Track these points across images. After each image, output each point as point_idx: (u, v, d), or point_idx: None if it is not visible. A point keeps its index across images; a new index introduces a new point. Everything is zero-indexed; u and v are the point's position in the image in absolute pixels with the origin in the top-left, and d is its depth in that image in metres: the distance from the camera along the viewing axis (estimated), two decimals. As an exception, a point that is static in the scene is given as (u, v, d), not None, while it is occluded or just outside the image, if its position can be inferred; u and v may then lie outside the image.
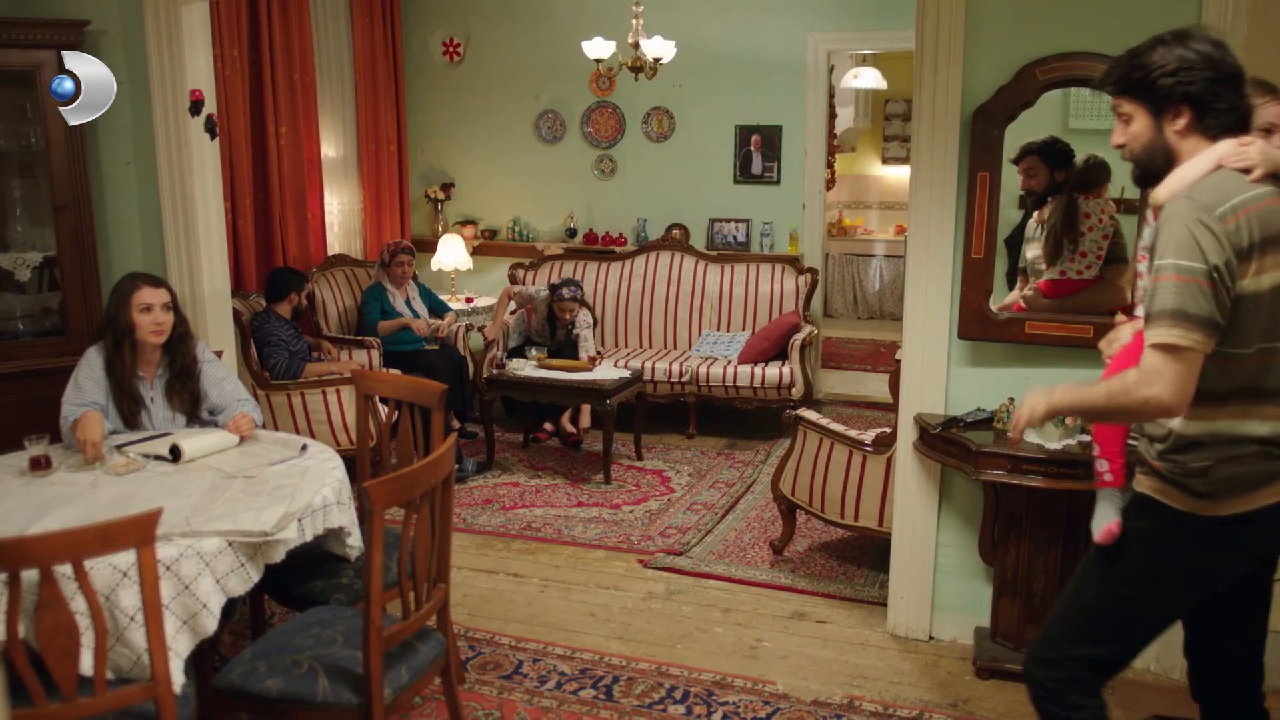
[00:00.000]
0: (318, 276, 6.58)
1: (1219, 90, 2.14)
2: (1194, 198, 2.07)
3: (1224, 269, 2.02)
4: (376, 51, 7.48)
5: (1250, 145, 2.13)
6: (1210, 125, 2.16)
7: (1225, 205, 2.05)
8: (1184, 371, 2.02)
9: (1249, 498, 2.14)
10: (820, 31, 7.01)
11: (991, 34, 3.47)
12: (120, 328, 3.41)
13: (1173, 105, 2.16)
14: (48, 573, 2.18)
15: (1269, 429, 2.13)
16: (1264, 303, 2.08)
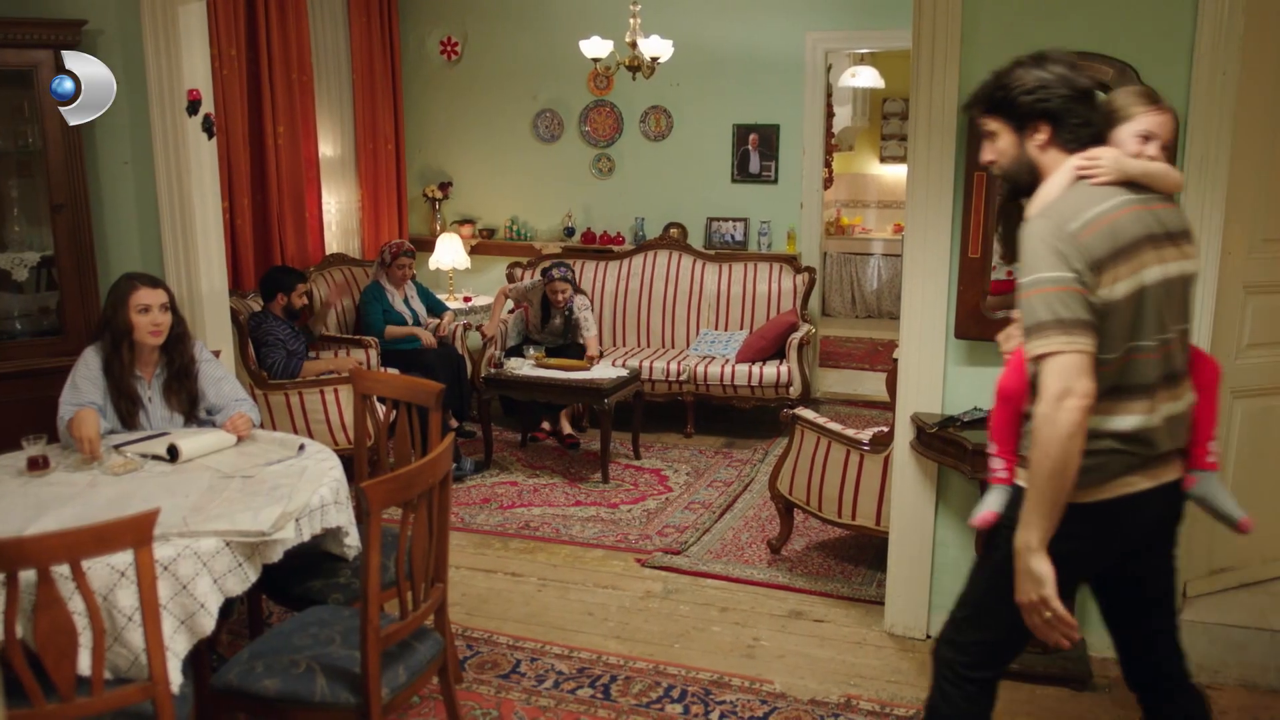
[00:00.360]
0: (315, 276, 6.58)
1: (1073, 107, 2.27)
2: (1049, 215, 2.19)
3: (1085, 277, 2.13)
4: (374, 51, 7.48)
5: (1103, 154, 2.24)
6: (1067, 139, 2.28)
7: (1078, 221, 2.15)
8: (1082, 367, 2.11)
9: (1106, 487, 2.23)
10: (818, 30, 7.02)
11: (989, 34, 3.47)
12: (118, 328, 3.41)
13: (1032, 121, 2.29)
14: (45, 573, 2.18)
15: (1128, 424, 2.22)
16: (1122, 309, 2.18)
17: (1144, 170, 2.26)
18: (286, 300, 5.62)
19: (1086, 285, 2.13)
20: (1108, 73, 3.33)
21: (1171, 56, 3.32)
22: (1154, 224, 2.23)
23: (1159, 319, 2.23)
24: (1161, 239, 2.23)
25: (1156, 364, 2.25)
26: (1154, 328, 2.23)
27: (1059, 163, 2.29)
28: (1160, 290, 2.22)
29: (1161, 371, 2.26)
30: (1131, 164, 2.26)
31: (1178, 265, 2.26)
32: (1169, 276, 2.24)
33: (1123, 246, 2.17)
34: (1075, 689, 3.51)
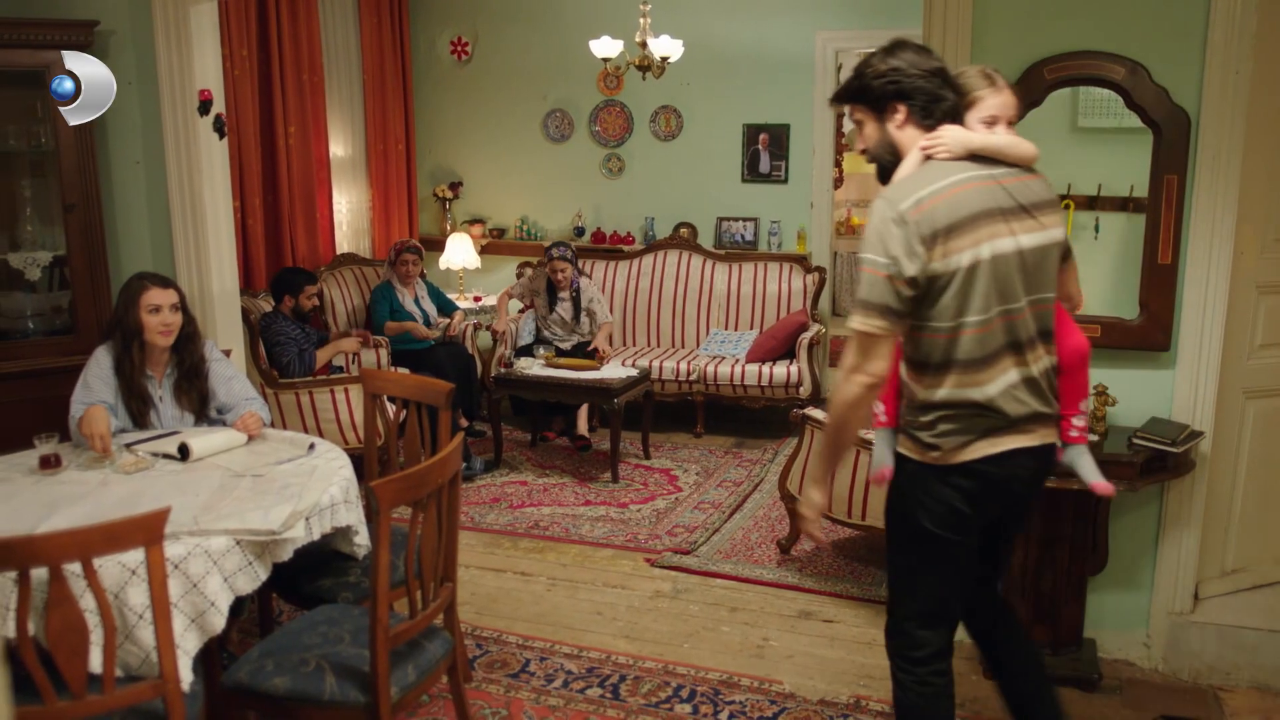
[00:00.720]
0: (326, 276, 6.60)
1: (923, 85, 2.38)
2: (886, 195, 2.33)
3: (904, 261, 2.27)
4: (385, 51, 7.50)
5: (945, 131, 2.36)
6: (922, 116, 2.39)
7: (911, 199, 2.28)
8: (875, 349, 2.32)
9: (971, 448, 2.37)
10: (828, 30, 7.00)
11: (998, 33, 3.46)
12: (129, 328, 3.42)
13: (888, 103, 2.41)
14: (57, 571, 2.19)
15: (973, 395, 2.35)
16: (957, 281, 2.29)
17: (985, 144, 2.36)
18: (294, 302, 5.63)
19: (902, 270, 2.27)
20: (1119, 71, 3.33)
21: (1183, 55, 3.30)
22: (1002, 197, 2.33)
23: (1005, 290, 2.33)
24: (1012, 211, 2.33)
25: (998, 334, 2.35)
26: (996, 299, 2.32)
27: (916, 140, 2.40)
28: (1012, 261, 2.33)
29: (1004, 340, 2.36)
30: (974, 138, 2.37)
31: (1033, 236, 2.36)
32: (1023, 247, 2.34)
33: (956, 222, 2.28)
34: (1086, 690, 3.50)
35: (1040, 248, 2.38)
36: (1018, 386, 2.38)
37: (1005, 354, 2.36)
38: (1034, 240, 2.37)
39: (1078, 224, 4.16)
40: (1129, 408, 3.48)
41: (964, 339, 2.33)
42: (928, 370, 2.39)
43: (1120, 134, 3.77)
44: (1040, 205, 2.40)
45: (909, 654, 2.55)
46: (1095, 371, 3.45)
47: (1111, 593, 3.66)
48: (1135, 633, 3.67)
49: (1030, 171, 2.43)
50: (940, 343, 2.35)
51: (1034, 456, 2.44)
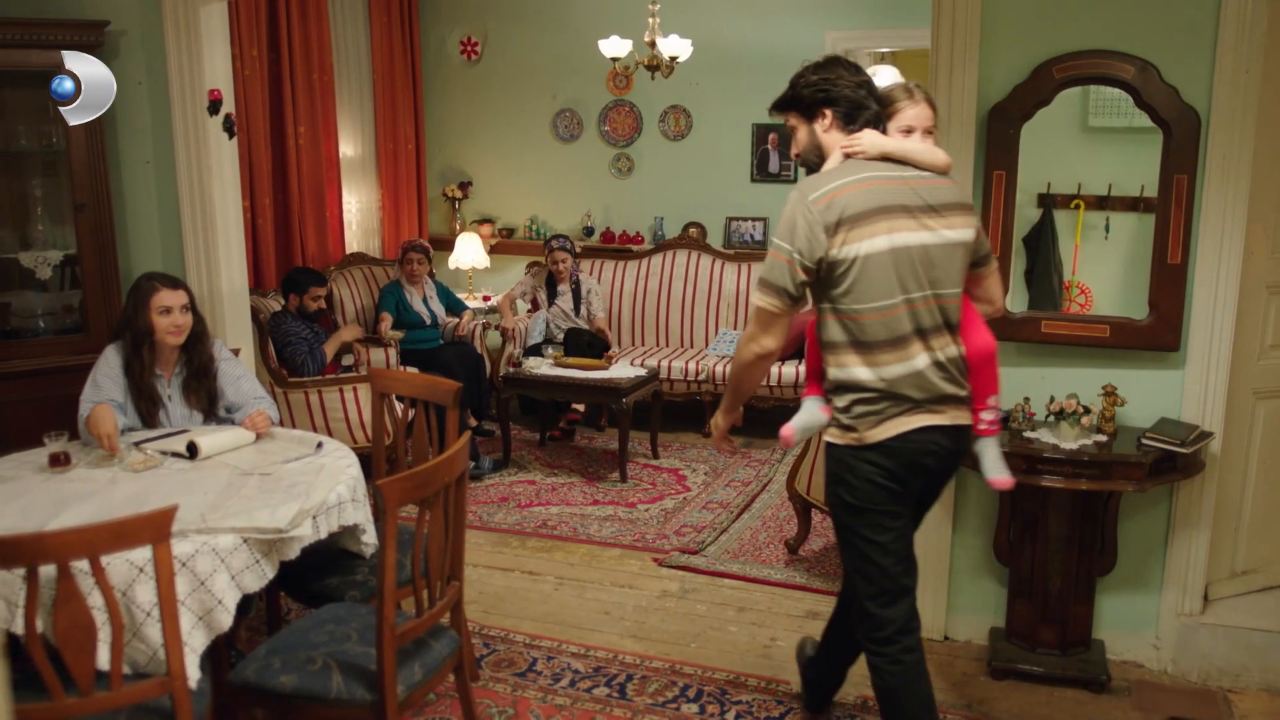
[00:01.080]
0: (335, 275, 6.61)
1: (848, 94, 2.63)
2: (801, 187, 2.57)
3: (806, 249, 2.51)
4: (395, 51, 7.51)
5: (864, 135, 2.62)
6: (845, 121, 2.65)
7: (820, 190, 2.53)
8: (771, 325, 2.60)
9: (884, 426, 2.58)
10: (837, 29, 6.98)
11: (1007, 32, 3.45)
12: (139, 329, 3.43)
13: (817, 109, 2.67)
14: (65, 568, 2.20)
15: (880, 374, 2.57)
16: (856, 267, 2.52)
17: (897, 148, 2.62)
18: (299, 301, 5.65)
19: (804, 257, 2.52)
20: (1128, 70, 3.32)
21: (1193, 54, 3.29)
22: (909, 195, 2.57)
23: (908, 279, 2.55)
24: (919, 209, 2.56)
25: (904, 320, 2.56)
26: (899, 287, 2.54)
27: (840, 143, 2.64)
28: (914, 253, 2.55)
29: (911, 327, 2.57)
30: (888, 143, 2.62)
31: (938, 234, 2.58)
32: (926, 243, 2.56)
33: (859, 213, 2.51)
34: (1094, 691, 3.49)
35: (945, 245, 2.59)
36: (928, 369, 2.59)
37: (913, 339, 2.58)
38: (938, 238, 2.58)
39: (1088, 224, 4.15)
40: (1138, 408, 3.46)
41: (869, 322, 2.55)
42: (837, 350, 2.61)
43: (1131, 133, 3.76)
44: (948, 207, 2.61)
45: (876, 635, 2.71)
46: (1104, 371, 3.48)
47: (1120, 594, 3.65)
48: (1144, 634, 3.66)
49: (943, 177, 2.65)
50: (848, 325, 2.57)
51: (946, 434, 2.64)
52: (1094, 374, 3.50)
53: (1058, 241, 4.21)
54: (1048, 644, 3.58)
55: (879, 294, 2.53)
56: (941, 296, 2.60)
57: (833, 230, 2.50)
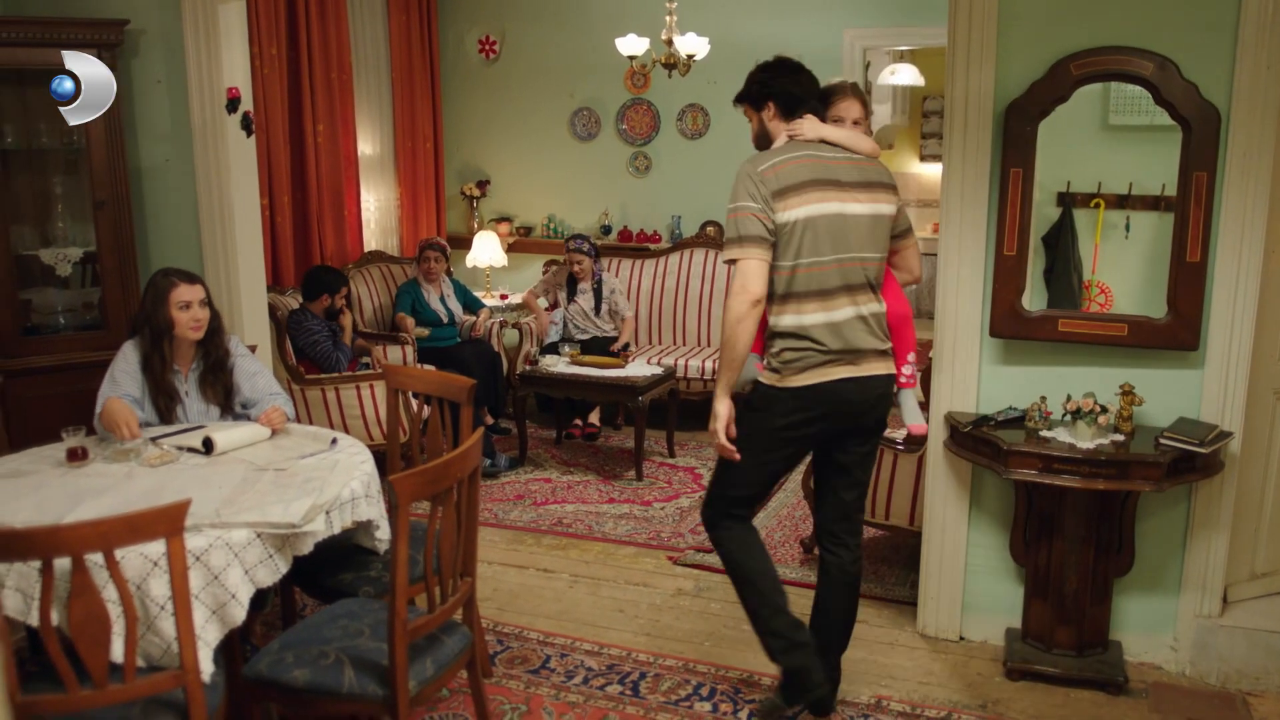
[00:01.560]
0: (354, 273, 6.64)
1: (790, 90, 3.16)
2: (752, 159, 3.06)
3: (761, 204, 2.97)
4: (413, 49, 7.53)
5: (805, 121, 3.12)
6: (786, 112, 3.16)
7: (766, 163, 3.01)
8: (753, 274, 2.98)
9: (807, 374, 3.03)
10: (856, 28, 6.97)
11: (1025, 28, 3.43)
12: (158, 325, 3.45)
13: (765, 102, 3.19)
14: (79, 561, 2.21)
15: (804, 321, 3.01)
16: (791, 229, 2.99)
17: (830, 134, 3.13)
18: (330, 301, 5.67)
19: (761, 209, 2.97)
20: (1148, 67, 3.29)
21: (1213, 51, 3.26)
22: (838, 172, 3.05)
23: (835, 241, 3.02)
24: (845, 185, 3.05)
25: (832, 276, 3.03)
26: (825, 248, 3.01)
27: (782, 129, 3.16)
28: (838, 221, 3.03)
29: (837, 284, 3.03)
30: (823, 129, 3.13)
31: (861, 206, 3.06)
32: (848, 213, 3.04)
33: (791, 184, 2.99)
34: (1111, 693, 3.46)
35: (869, 216, 3.08)
36: (851, 320, 3.05)
37: (839, 293, 3.04)
38: (862, 209, 3.07)
39: (1108, 223, 4.11)
40: (1156, 408, 3.43)
41: (800, 275, 3.02)
42: (774, 300, 3.04)
43: (1152, 131, 3.72)
44: (873, 185, 3.11)
45: (724, 523, 3.27)
46: (1122, 370, 3.45)
47: (1138, 595, 3.62)
48: (1162, 636, 3.63)
49: (869, 160, 3.14)
50: (784, 278, 3.02)
51: (860, 385, 3.07)
52: (1111, 373, 3.47)
53: (1077, 240, 4.18)
54: (1064, 645, 3.55)
55: (811, 252, 3.01)
56: (865, 260, 3.09)
57: (776, 196, 2.98)
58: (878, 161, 3.17)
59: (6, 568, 2.43)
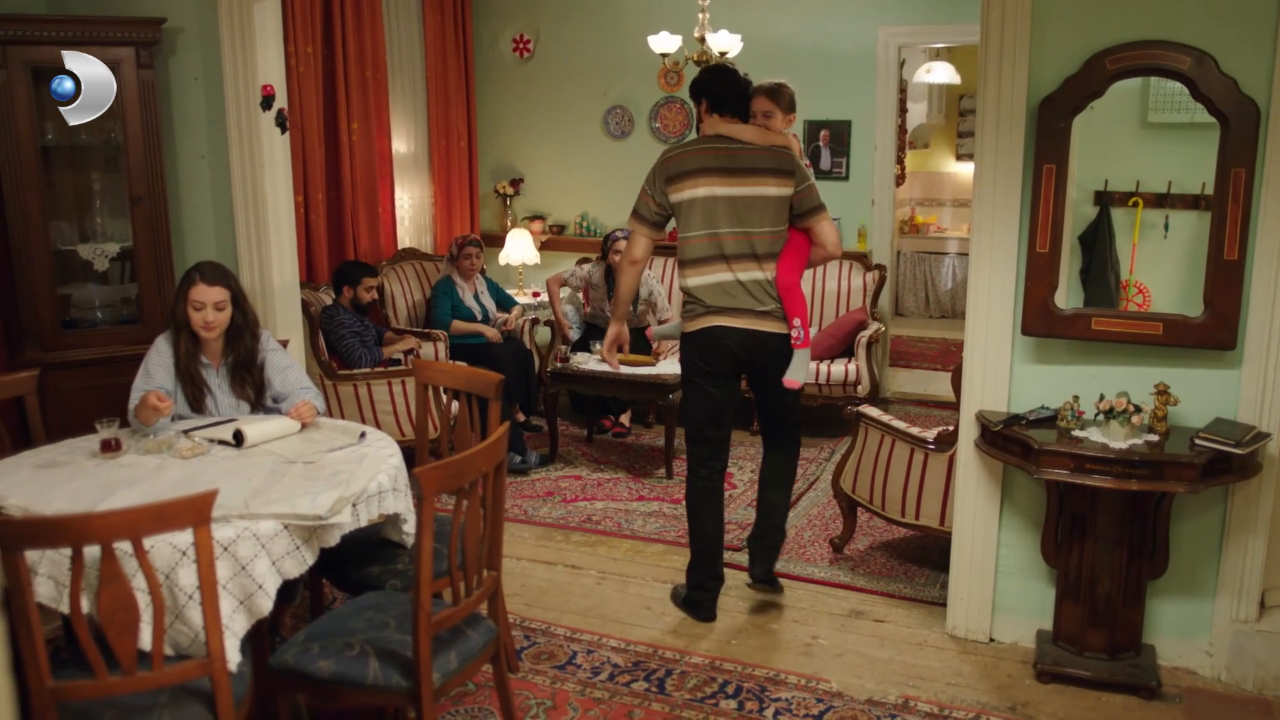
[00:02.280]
0: (387, 270, 6.68)
1: (717, 90, 3.86)
2: (664, 150, 3.86)
3: (654, 189, 3.81)
4: (447, 48, 7.57)
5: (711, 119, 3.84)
6: (715, 107, 3.86)
7: (670, 154, 3.81)
8: (635, 242, 3.92)
9: (696, 322, 3.81)
10: (891, 25, 6.91)
11: (1059, 23, 3.39)
12: (179, 318, 3.51)
13: (700, 99, 3.89)
14: (108, 549, 2.24)
15: (690, 283, 3.78)
16: (682, 208, 3.76)
17: (728, 129, 3.79)
18: (353, 294, 5.72)
19: (655, 195, 3.80)
20: (1185, 61, 3.24)
21: (1253, 44, 3.20)
22: (725, 161, 3.73)
23: (707, 218, 3.72)
24: (731, 171, 3.71)
25: (703, 247, 3.74)
26: (702, 224, 3.73)
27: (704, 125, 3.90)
28: (709, 203, 3.72)
29: (713, 253, 3.74)
30: (721, 125, 3.81)
31: (743, 190, 3.72)
32: (732, 194, 3.71)
33: (681, 171, 3.74)
34: (1144, 698, 3.41)
35: (751, 198, 3.72)
36: (729, 284, 3.74)
37: (716, 260, 3.74)
38: (741, 192, 3.71)
39: (1146, 222, 4.06)
40: (1192, 408, 3.38)
41: (689, 245, 3.77)
42: (681, 266, 3.83)
43: (1192, 129, 3.68)
44: (758, 171, 3.73)
45: (690, 462, 3.99)
46: (1157, 370, 3.41)
47: (1172, 598, 3.57)
48: (1197, 640, 3.57)
49: (762, 149, 3.74)
50: (684, 248, 3.79)
51: (742, 334, 3.77)
52: (1146, 372, 3.42)
53: (1115, 240, 4.13)
54: (1096, 648, 3.51)
55: (696, 226, 3.74)
56: (750, 234, 3.74)
57: (668, 181, 3.77)
58: (776, 150, 3.77)
59: (39, 556, 2.47)
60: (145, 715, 2.38)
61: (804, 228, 3.85)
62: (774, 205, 3.73)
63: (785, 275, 3.81)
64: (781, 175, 3.73)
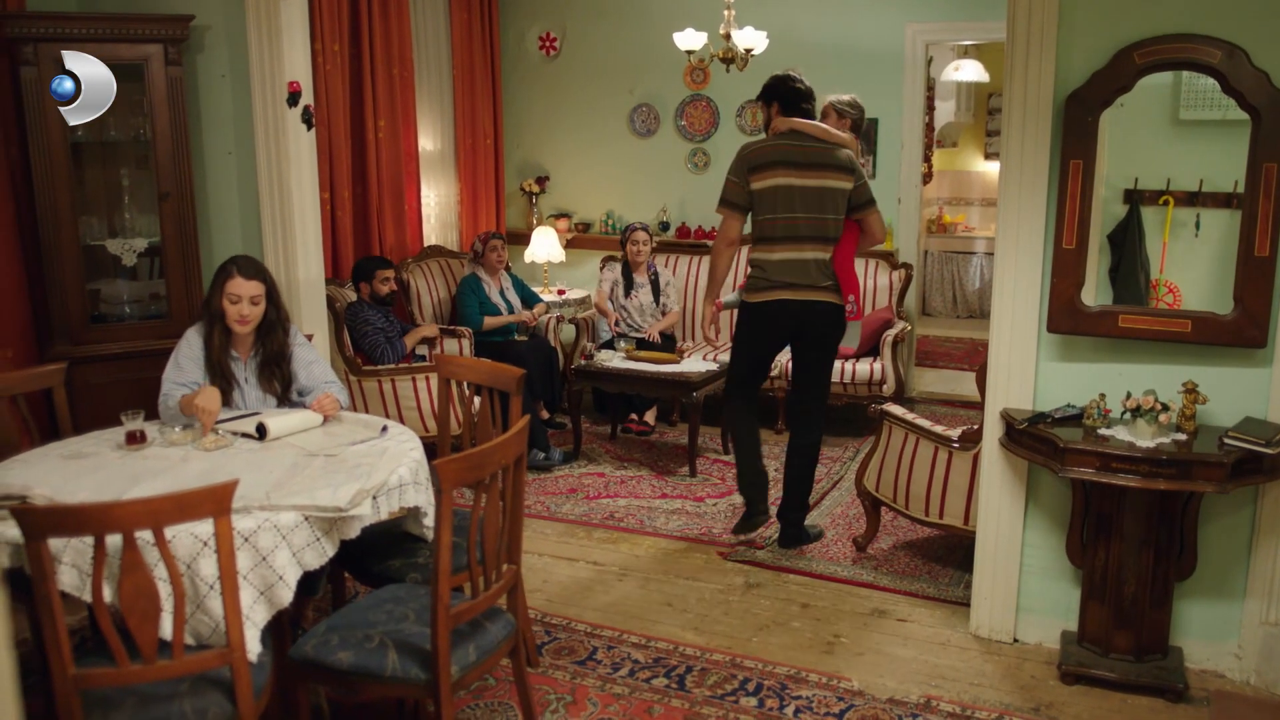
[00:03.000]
0: (413, 267, 6.71)
1: (786, 95, 4.44)
2: (744, 145, 4.43)
3: (739, 178, 4.35)
4: (474, 46, 7.59)
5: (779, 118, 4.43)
6: (787, 109, 4.44)
7: (750, 149, 4.37)
8: (726, 225, 4.42)
9: (759, 294, 4.40)
10: (918, 22, 6.86)
11: (1087, 16, 3.35)
12: (213, 310, 3.52)
13: (771, 101, 4.49)
14: (129, 538, 2.26)
15: (761, 258, 4.38)
16: (761, 195, 4.32)
17: (801, 125, 4.38)
18: (370, 288, 5.74)
19: (740, 182, 4.34)
20: (1215, 55, 3.19)
21: (1285, 37, 3.15)
22: (796, 155, 4.31)
23: (787, 204, 4.30)
24: (800, 164, 4.30)
25: (783, 229, 4.33)
26: (783, 208, 4.31)
27: (774, 124, 4.45)
28: (796, 192, 4.30)
29: (784, 234, 4.33)
30: (795, 122, 4.38)
31: (810, 180, 4.30)
32: (804, 185, 4.30)
33: (761, 164, 4.32)
34: (1170, 700, 3.37)
35: (814, 188, 4.31)
36: (795, 262, 4.33)
37: (790, 241, 4.33)
38: (812, 183, 4.30)
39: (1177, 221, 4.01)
40: (1221, 406, 3.33)
41: (766, 226, 4.35)
42: (755, 244, 4.42)
43: (1224, 126, 3.62)
44: (825, 166, 4.32)
45: (727, 393, 4.75)
46: (1185, 368, 3.37)
47: (1200, 600, 3.52)
48: (1226, 643, 3.52)
49: (827, 147, 4.34)
50: (760, 228, 4.37)
51: (800, 305, 4.36)
52: (1174, 371, 3.37)
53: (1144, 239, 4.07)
54: (1121, 649, 3.47)
55: (770, 211, 4.33)
56: (816, 220, 4.32)
57: (751, 171, 4.33)
58: (837, 149, 4.36)
59: (63, 545, 2.49)
60: (166, 704, 2.39)
61: (857, 219, 4.42)
62: (837, 197, 4.34)
63: (843, 258, 4.43)
64: (843, 171, 4.33)
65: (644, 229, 6.57)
